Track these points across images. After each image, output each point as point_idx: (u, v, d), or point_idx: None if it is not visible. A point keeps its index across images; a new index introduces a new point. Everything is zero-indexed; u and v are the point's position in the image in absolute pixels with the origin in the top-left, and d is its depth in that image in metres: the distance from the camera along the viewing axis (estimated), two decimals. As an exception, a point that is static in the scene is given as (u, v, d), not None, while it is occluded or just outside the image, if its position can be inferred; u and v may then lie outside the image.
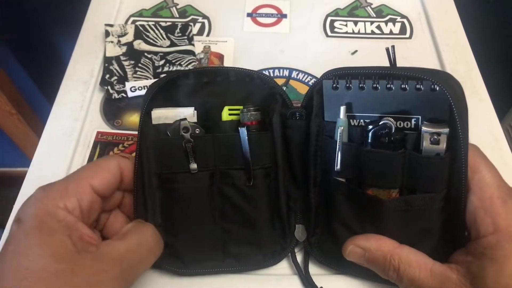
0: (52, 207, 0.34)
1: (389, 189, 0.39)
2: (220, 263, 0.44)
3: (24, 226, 0.32)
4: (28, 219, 0.33)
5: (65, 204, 0.34)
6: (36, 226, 0.32)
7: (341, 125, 0.40)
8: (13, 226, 0.33)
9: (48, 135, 0.54)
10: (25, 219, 0.33)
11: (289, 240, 0.44)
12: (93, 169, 0.38)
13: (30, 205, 0.34)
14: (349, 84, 0.40)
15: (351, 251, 0.40)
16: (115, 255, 0.34)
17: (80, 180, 0.36)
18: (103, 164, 0.39)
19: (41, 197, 0.34)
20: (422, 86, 0.38)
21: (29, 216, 0.33)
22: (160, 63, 0.60)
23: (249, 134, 0.41)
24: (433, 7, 0.70)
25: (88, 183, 0.36)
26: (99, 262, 0.33)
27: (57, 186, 0.35)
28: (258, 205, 0.43)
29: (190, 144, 0.41)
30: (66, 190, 0.35)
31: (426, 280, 0.36)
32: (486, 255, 0.34)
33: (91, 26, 0.66)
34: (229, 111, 0.44)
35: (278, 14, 0.70)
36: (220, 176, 0.42)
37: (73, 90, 0.59)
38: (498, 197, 0.36)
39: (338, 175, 0.41)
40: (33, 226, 0.32)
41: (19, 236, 0.32)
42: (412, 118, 0.39)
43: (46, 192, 0.35)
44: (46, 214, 0.33)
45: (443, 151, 0.37)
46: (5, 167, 1.48)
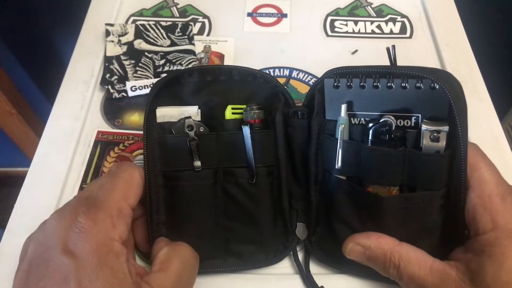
0: (107, 239, 0.32)
1: (389, 186, 0.39)
2: (222, 261, 0.44)
3: (82, 263, 0.31)
4: (85, 255, 0.31)
5: (119, 236, 0.33)
6: (97, 264, 0.31)
7: (342, 123, 0.40)
8: (64, 259, 0.31)
9: (48, 135, 0.54)
10: (82, 255, 0.31)
11: (290, 239, 0.44)
12: (125, 186, 0.37)
13: (82, 239, 0.32)
14: (350, 83, 0.40)
15: (352, 249, 0.40)
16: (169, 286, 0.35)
17: (121, 205, 0.35)
18: (131, 180, 0.38)
19: (92, 229, 0.32)
20: (422, 84, 0.38)
21: (85, 250, 0.31)
22: (161, 63, 0.60)
23: (252, 132, 0.42)
24: (434, 6, 0.70)
25: (128, 204, 0.36)
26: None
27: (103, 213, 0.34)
28: (260, 203, 0.43)
29: (195, 142, 0.41)
30: (115, 218, 0.34)
31: (426, 277, 0.36)
32: (485, 252, 0.34)
33: (91, 25, 0.66)
34: (233, 110, 0.44)
35: (279, 13, 0.70)
36: (224, 174, 0.43)
37: (74, 89, 0.59)
38: (497, 195, 0.36)
39: (339, 173, 0.41)
40: (94, 263, 0.31)
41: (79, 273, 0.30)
42: (412, 116, 0.39)
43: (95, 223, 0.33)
44: (106, 250, 0.32)
45: (443, 148, 0.37)
46: (5, 167, 1.48)
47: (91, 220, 0.33)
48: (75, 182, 0.50)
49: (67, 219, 0.33)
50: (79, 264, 0.30)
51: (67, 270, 0.30)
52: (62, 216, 0.33)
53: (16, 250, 0.35)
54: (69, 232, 0.32)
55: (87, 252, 0.31)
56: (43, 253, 0.32)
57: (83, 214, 0.33)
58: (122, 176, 0.38)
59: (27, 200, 0.49)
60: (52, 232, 0.32)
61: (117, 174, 0.38)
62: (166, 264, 0.36)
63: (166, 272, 0.35)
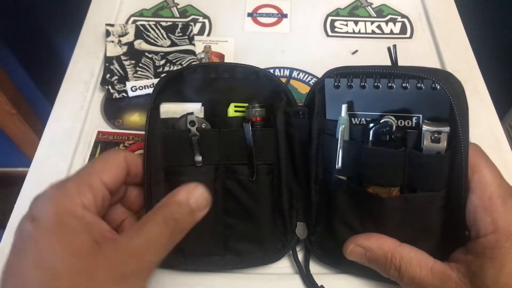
0: (69, 204, 0.33)
1: (390, 187, 0.39)
2: (221, 258, 0.44)
3: (42, 225, 0.32)
4: (45, 218, 0.32)
5: (82, 201, 0.34)
6: (55, 225, 0.32)
7: (342, 123, 0.40)
8: (27, 224, 0.32)
9: (49, 135, 0.54)
10: (42, 218, 0.32)
11: (290, 238, 0.45)
12: (102, 164, 0.38)
13: (46, 203, 0.33)
14: (350, 83, 0.40)
15: (352, 251, 0.40)
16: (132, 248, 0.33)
17: (92, 176, 0.36)
18: (112, 159, 0.38)
19: (57, 194, 0.34)
20: (423, 85, 0.38)
21: (46, 214, 0.32)
22: (161, 63, 0.60)
23: (253, 130, 0.42)
24: (434, 6, 0.70)
25: (100, 178, 0.36)
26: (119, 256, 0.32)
27: (71, 183, 0.35)
28: (260, 200, 0.43)
29: (196, 137, 0.42)
30: (80, 187, 0.35)
31: (426, 279, 0.36)
32: (485, 254, 0.34)
33: (91, 26, 0.66)
34: (235, 107, 0.45)
35: (279, 14, 0.70)
36: (224, 170, 0.43)
37: (74, 89, 0.59)
38: (498, 196, 0.36)
39: (339, 173, 0.41)
40: (52, 225, 0.32)
41: (37, 235, 0.31)
42: (413, 117, 0.39)
43: (61, 189, 0.34)
44: (65, 212, 0.32)
45: (444, 149, 0.37)
46: (5, 167, 1.48)
47: (57, 188, 0.34)
48: (75, 182, 0.50)
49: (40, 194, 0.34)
50: (38, 227, 0.32)
51: (29, 234, 0.32)
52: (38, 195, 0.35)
53: (17, 250, 0.35)
54: (37, 201, 0.33)
55: (47, 216, 0.32)
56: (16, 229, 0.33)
57: (53, 185, 0.34)
58: (105, 156, 0.39)
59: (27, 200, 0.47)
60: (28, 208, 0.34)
61: (100, 155, 0.39)
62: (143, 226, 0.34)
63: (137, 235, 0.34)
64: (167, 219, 0.35)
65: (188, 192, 0.36)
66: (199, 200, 0.36)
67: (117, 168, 0.38)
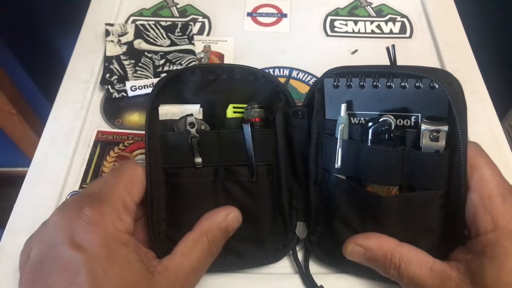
0: (114, 230, 0.32)
1: (389, 186, 0.40)
2: (222, 260, 0.44)
3: (91, 256, 0.30)
4: (94, 247, 0.31)
5: (125, 227, 0.33)
6: (108, 256, 0.31)
7: (341, 122, 0.40)
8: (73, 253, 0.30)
9: (48, 134, 0.54)
10: (91, 247, 0.30)
11: (290, 238, 0.45)
12: (129, 181, 0.37)
13: (90, 231, 0.31)
14: (349, 83, 0.40)
15: (352, 250, 0.40)
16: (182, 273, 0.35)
17: (126, 199, 0.35)
18: (135, 175, 0.38)
19: (99, 221, 0.32)
20: (422, 84, 0.38)
21: (94, 243, 0.31)
22: (161, 63, 0.60)
23: (253, 131, 0.42)
24: (433, 6, 0.70)
25: (132, 199, 0.36)
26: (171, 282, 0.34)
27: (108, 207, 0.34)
28: (260, 201, 0.43)
29: (196, 139, 0.42)
30: (119, 210, 0.34)
31: (426, 278, 0.36)
32: (485, 253, 0.34)
33: (91, 25, 0.66)
34: (234, 108, 0.45)
35: (278, 13, 0.70)
36: (224, 171, 0.43)
37: (74, 89, 0.59)
38: (498, 195, 0.36)
39: (339, 172, 0.41)
40: (105, 256, 0.31)
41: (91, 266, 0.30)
42: (412, 116, 0.39)
43: (100, 214, 0.33)
44: (115, 242, 0.32)
45: (443, 148, 0.37)
46: (5, 167, 1.48)
47: (98, 212, 0.32)
48: (75, 182, 0.50)
49: (72, 214, 0.32)
50: (90, 257, 0.30)
51: (77, 264, 0.30)
52: (66, 211, 0.33)
53: (16, 250, 0.35)
54: (75, 225, 0.31)
55: (96, 244, 0.31)
56: (48, 251, 0.31)
57: (89, 208, 0.32)
58: (125, 171, 0.38)
59: (27, 200, 0.48)
60: (56, 229, 0.32)
61: (120, 170, 0.38)
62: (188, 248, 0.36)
63: (185, 259, 0.35)
64: (211, 245, 0.38)
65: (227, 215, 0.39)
66: (234, 223, 0.40)
67: (141, 185, 0.38)
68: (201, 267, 0.37)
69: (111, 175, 0.37)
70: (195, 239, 0.37)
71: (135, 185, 0.37)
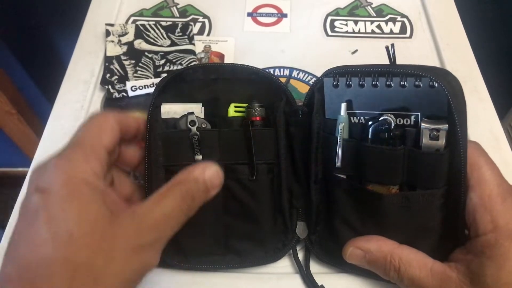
0: (79, 172, 0.31)
1: (389, 185, 0.39)
2: (222, 258, 0.44)
3: (52, 195, 0.30)
4: (57, 189, 0.30)
5: (92, 168, 0.32)
6: (68, 194, 0.30)
7: (341, 121, 0.40)
8: (35, 197, 0.30)
9: (49, 135, 0.54)
10: (53, 188, 0.30)
11: (290, 237, 0.45)
12: (97, 129, 0.36)
13: (53, 173, 0.31)
14: (349, 82, 0.40)
15: (352, 253, 0.40)
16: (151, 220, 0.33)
17: (93, 142, 0.34)
18: (104, 121, 0.37)
19: (63, 163, 0.32)
20: (421, 83, 0.38)
21: (55, 184, 0.30)
22: (161, 63, 0.60)
23: (254, 130, 0.42)
24: (433, 6, 0.70)
25: (100, 143, 0.35)
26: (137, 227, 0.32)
27: (74, 151, 0.33)
28: (260, 200, 0.43)
29: (197, 137, 0.42)
30: (86, 154, 0.33)
31: (426, 280, 0.36)
32: (485, 254, 0.34)
33: (91, 25, 0.66)
34: (235, 107, 0.45)
35: (279, 13, 0.70)
36: (225, 170, 0.43)
37: (74, 89, 0.59)
38: (498, 195, 0.36)
39: (339, 171, 0.41)
40: (66, 194, 0.30)
41: (48, 205, 0.29)
42: (411, 115, 0.39)
43: (66, 158, 0.32)
44: (77, 182, 0.31)
45: (443, 147, 0.37)
46: (5, 167, 1.48)
47: (63, 157, 0.32)
48: (75, 181, 0.50)
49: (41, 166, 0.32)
50: (49, 197, 0.30)
51: (37, 206, 0.30)
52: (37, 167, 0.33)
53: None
54: (41, 173, 0.31)
55: (57, 185, 0.30)
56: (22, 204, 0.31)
57: (55, 156, 0.32)
58: (93, 121, 0.37)
59: None
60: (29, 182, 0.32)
61: (89, 120, 0.37)
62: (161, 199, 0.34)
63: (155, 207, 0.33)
64: (185, 195, 0.35)
65: (204, 169, 0.36)
66: (214, 178, 0.36)
67: (112, 130, 0.37)
68: (172, 218, 0.34)
69: (79, 127, 0.36)
70: (168, 188, 0.35)
71: (104, 132, 0.36)
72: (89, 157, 0.33)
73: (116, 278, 0.30)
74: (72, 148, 0.34)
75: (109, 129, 0.37)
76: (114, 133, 0.37)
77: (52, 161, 0.32)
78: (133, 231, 0.31)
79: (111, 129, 0.37)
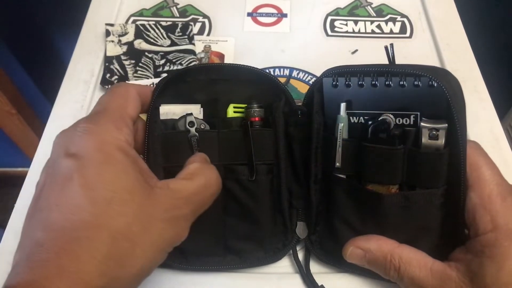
0: (114, 140, 0.31)
1: (389, 185, 0.39)
2: (222, 259, 0.44)
3: (87, 160, 0.29)
4: (91, 154, 0.29)
5: (125, 137, 0.32)
6: (105, 161, 0.30)
7: (341, 122, 0.40)
8: (66, 161, 0.29)
9: (49, 135, 0.54)
10: (87, 154, 0.29)
11: (290, 237, 0.45)
12: (122, 99, 0.36)
13: (84, 138, 0.30)
14: (348, 82, 0.40)
15: (352, 253, 0.40)
16: (186, 194, 0.34)
17: (121, 111, 0.34)
18: (127, 92, 0.37)
19: (96, 130, 0.31)
20: (420, 82, 0.38)
21: (91, 150, 0.30)
22: (161, 63, 0.60)
23: (253, 130, 0.42)
24: (433, 6, 0.70)
25: (128, 113, 0.35)
26: (173, 199, 0.32)
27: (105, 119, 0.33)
28: (260, 200, 0.43)
29: (196, 138, 0.42)
30: (118, 122, 0.33)
31: (426, 279, 0.36)
32: (485, 253, 0.34)
33: (91, 25, 0.66)
34: (234, 108, 0.45)
35: (279, 13, 0.70)
36: (224, 171, 0.43)
37: (74, 89, 0.59)
38: (497, 195, 0.36)
39: (339, 171, 0.41)
40: (102, 160, 0.29)
41: (86, 170, 0.29)
42: (411, 115, 0.39)
43: (99, 125, 0.32)
44: (112, 148, 0.30)
45: (442, 146, 0.37)
46: (5, 167, 1.48)
47: (93, 123, 0.32)
48: (75, 181, 0.50)
49: (69, 130, 0.32)
50: (84, 162, 0.29)
51: (71, 170, 0.29)
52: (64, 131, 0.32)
53: (16, 249, 0.35)
54: (71, 138, 0.31)
55: (91, 150, 0.30)
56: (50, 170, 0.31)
57: (84, 121, 0.32)
58: (116, 91, 0.37)
59: (27, 200, 0.48)
60: (56, 147, 0.31)
61: (111, 90, 0.37)
62: (191, 176, 0.36)
63: (187, 181, 0.35)
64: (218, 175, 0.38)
65: None
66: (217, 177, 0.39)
67: (135, 101, 0.37)
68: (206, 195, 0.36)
69: (103, 97, 0.37)
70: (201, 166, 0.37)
71: (128, 101, 0.36)
72: (120, 124, 0.33)
73: (152, 246, 0.30)
74: (101, 115, 0.33)
75: (132, 98, 0.37)
76: (137, 103, 0.37)
77: (81, 125, 0.31)
78: (169, 203, 0.32)
79: (134, 99, 0.37)
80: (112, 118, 0.33)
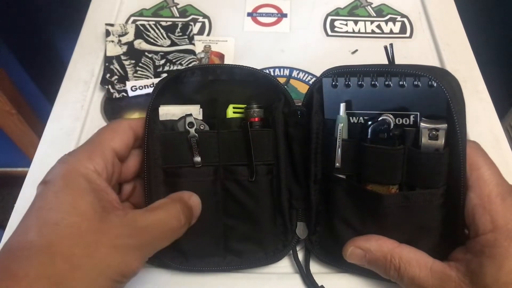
0: (81, 168, 0.34)
1: (388, 185, 0.40)
2: (222, 259, 0.44)
3: (52, 186, 0.32)
4: (56, 180, 0.33)
5: (94, 166, 0.34)
6: (66, 185, 0.32)
7: (341, 122, 0.40)
8: (39, 187, 0.33)
9: (49, 135, 0.54)
10: (53, 179, 0.33)
11: (290, 238, 0.45)
12: (110, 132, 0.39)
13: (58, 168, 0.34)
14: (348, 82, 0.40)
15: (352, 253, 0.40)
16: (141, 224, 0.34)
17: (102, 143, 0.37)
18: (118, 126, 0.39)
19: (69, 159, 0.35)
20: (420, 82, 0.38)
21: (57, 176, 0.33)
22: (161, 63, 0.60)
23: (252, 130, 0.42)
24: (434, 6, 0.70)
25: (109, 145, 0.37)
26: (126, 228, 0.33)
27: (82, 150, 0.36)
28: (259, 200, 0.43)
29: (195, 138, 0.42)
30: (92, 153, 0.35)
31: (426, 279, 0.36)
32: (484, 253, 0.34)
33: (91, 25, 0.66)
34: (234, 109, 0.45)
35: (279, 13, 0.70)
36: (224, 171, 0.43)
37: (74, 89, 0.59)
38: (497, 195, 0.36)
39: (338, 172, 0.41)
40: (63, 185, 0.32)
41: (46, 194, 0.32)
42: (410, 115, 0.39)
43: (73, 155, 0.35)
44: (77, 175, 0.33)
45: (442, 146, 0.37)
46: (5, 167, 1.48)
47: (71, 153, 0.35)
48: (75, 181, 0.50)
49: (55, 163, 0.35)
50: (49, 186, 0.32)
51: (36, 195, 0.33)
52: None
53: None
54: (51, 167, 0.34)
55: (58, 176, 0.33)
56: None
57: (66, 154, 0.36)
58: (109, 125, 0.40)
59: (27, 200, 0.48)
60: None
61: (105, 125, 0.40)
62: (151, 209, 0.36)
63: (146, 212, 0.35)
64: (181, 213, 0.37)
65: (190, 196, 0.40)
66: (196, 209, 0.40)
67: (124, 134, 0.39)
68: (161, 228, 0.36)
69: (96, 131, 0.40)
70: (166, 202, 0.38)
71: (115, 134, 0.38)
72: (93, 155, 0.35)
73: (94, 271, 0.31)
74: (82, 146, 0.37)
75: (120, 131, 0.39)
76: (126, 136, 0.39)
77: (62, 158, 0.35)
78: (121, 230, 0.33)
79: (123, 132, 0.39)
80: (89, 149, 0.36)
